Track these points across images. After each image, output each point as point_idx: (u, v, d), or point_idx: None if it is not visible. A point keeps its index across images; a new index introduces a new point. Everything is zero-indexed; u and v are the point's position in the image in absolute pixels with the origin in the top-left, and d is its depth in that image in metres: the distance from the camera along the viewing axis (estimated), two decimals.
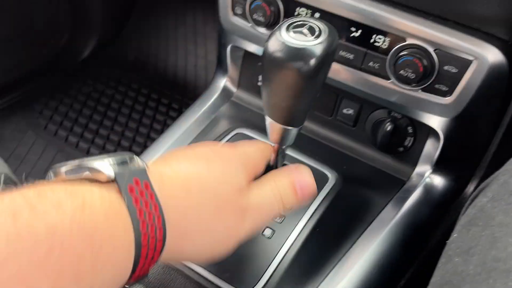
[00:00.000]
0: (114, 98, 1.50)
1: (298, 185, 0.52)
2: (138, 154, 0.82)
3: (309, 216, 0.64)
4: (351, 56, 0.66)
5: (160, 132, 1.41)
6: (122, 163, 0.38)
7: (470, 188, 0.78)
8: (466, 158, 0.73)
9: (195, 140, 0.77)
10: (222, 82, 0.86)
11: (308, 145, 0.75)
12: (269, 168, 0.66)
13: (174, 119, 1.44)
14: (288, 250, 0.61)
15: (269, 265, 0.59)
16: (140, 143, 1.38)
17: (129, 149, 1.36)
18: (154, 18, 1.66)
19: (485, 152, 0.73)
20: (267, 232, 0.62)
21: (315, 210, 0.64)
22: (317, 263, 0.61)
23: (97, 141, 1.37)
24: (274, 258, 0.60)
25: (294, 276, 0.60)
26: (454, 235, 0.40)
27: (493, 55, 0.59)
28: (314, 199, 0.65)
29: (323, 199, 0.66)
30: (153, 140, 1.38)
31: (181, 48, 1.62)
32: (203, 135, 0.78)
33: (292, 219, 0.63)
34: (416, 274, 0.69)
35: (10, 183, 0.65)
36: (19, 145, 1.32)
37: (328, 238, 0.64)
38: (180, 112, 1.48)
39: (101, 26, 1.58)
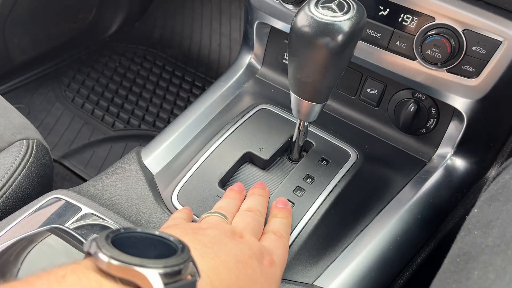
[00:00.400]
0: (139, 74, 1.52)
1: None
2: (161, 129, 0.84)
3: (328, 191, 0.65)
4: (377, 35, 0.66)
5: (184, 108, 1.43)
6: (173, 273, 0.35)
7: (491, 173, 0.77)
8: (488, 142, 0.72)
9: (219, 115, 0.79)
10: (247, 58, 0.87)
11: (331, 124, 0.75)
12: (292, 143, 0.68)
13: (197, 96, 1.46)
14: (306, 223, 0.62)
15: None
16: (163, 118, 1.41)
17: (153, 125, 1.39)
18: None
19: (508, 137, 0.73)
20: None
21: (335, 186, 0.65)
22: (335, 237, 0.63)
23: (122, 115, 1.40)
24: (292, 231, 0.61)
25: (311, 249, 0.61)
26: (475, 210, 0.41)
27: None
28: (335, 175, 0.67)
29: (343, 176, 0.67)
30: (176, 116, 1.41)
31: (205, 27, 1.63)
32: (227, 110, 0.79)
33: (311, 194, 0.64)
34: (432, 255, 0.70)
35: (42, 148, 0.69)
36: (47, 115, 1.37)
37: (347, 214, 0.65)
38: (203, 90, 1.50)
39: (128, 3, 1.60)
